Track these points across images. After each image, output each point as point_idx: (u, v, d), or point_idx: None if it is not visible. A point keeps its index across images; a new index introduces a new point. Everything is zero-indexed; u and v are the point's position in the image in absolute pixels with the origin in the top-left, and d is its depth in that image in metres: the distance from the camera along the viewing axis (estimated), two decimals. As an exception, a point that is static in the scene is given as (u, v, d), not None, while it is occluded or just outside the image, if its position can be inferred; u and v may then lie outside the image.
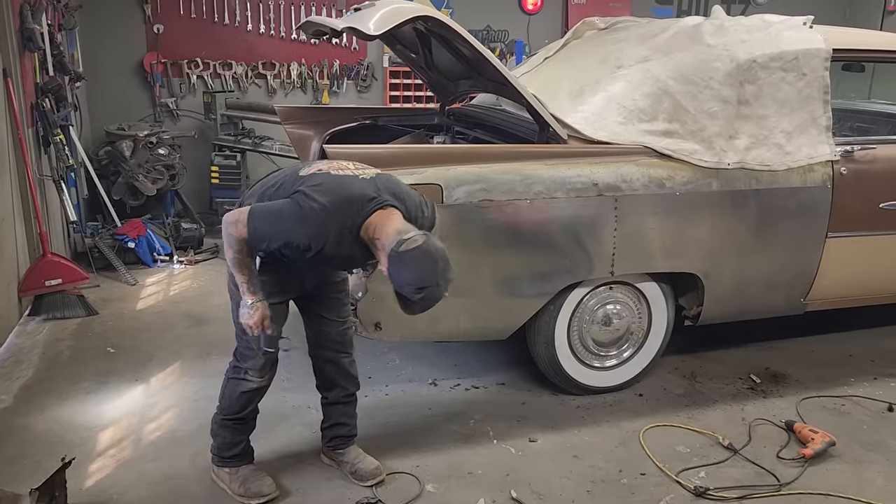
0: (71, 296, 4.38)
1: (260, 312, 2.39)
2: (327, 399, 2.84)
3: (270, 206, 2.30)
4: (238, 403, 2.63)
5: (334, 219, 2.22)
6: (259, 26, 6.68)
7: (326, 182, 2.29)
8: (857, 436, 3.20)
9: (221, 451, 2.72)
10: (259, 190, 2.50)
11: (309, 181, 2.30)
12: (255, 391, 2.63)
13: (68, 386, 3.49)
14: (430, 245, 2.16)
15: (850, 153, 3.52)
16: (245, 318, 2.40)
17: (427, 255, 2.15)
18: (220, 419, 2.70)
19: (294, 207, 2.24)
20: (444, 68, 3.93)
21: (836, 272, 3.63)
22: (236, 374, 2.63)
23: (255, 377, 2.59)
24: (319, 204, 2.22)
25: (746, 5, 8.09)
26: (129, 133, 5.71)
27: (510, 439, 3.12)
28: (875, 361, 3.95)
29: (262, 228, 2.26)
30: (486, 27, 7.38)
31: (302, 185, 2.29)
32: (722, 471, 2.93)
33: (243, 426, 2.71)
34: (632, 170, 3.19)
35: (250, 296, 2.39)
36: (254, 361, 2.58)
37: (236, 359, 2.64)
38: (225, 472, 2.72)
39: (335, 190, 2.26)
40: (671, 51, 3.42)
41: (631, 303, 3.44)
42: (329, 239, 2.24)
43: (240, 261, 2.34)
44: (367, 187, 2.29)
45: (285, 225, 2.23)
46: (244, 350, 2.59)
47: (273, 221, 2.25)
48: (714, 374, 3.75)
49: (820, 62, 3.44)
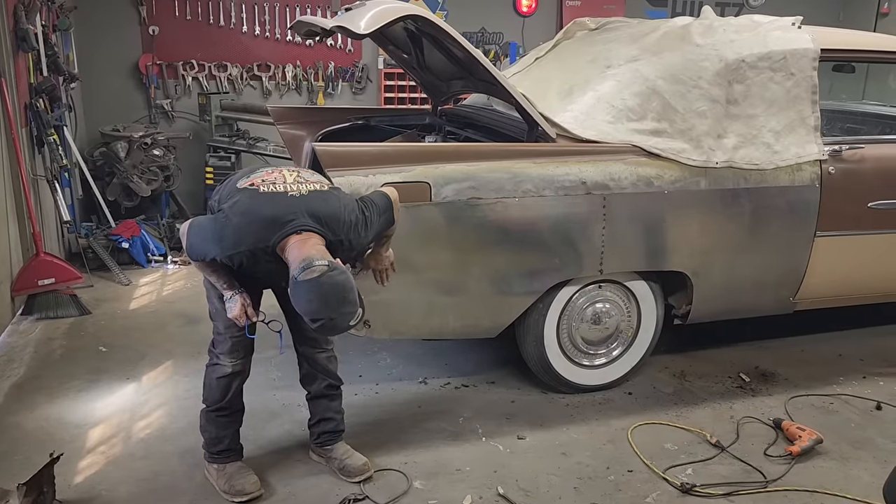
0: (64, 295, 4.40)
1: (238, 303, 2.46)
2: (310, 393, 2.86)
3: (201, 223, 2.39)
4: (217, 391, 2.67)
5: (246, 238, 2.26)
6: (254, 28, 6.70)
7: (248, 201, 2.31)
8: (844, 433, 3.22)
9: (209, 446, 2.74)
10: (222, 187, 2.54)
11: (235, 197, 2.33)
12: (230, 377, 2.65)
13: (59, 384, 3.50)
14: (327, 279, 2.12)
15: (839, 153, 3.54)
16: (229, 312, 2.48)
17: (321, 288, 2.11)
18: (205, 412, 2.73)
19: (214, 225, 2.33)
20: (436, 69, 3.95)
21: (825, 271, 3.65)
22: (211, 359, 2.70)
23: (226, 361, 2.64)
24: (232, 224, 2.28)
25: (740, 8, 8.12)
26: (123, 134, 5.72)
27: (499, 437, 3.13)
28: (864, 360, 3.97)
29: (192, 244, 2.37)
30: (481, 29, 7.41)
31: (228, 202, 2.34)
32: (709, 468, 2.94)
33: (227, 419, 2.72)
34: (620, 168, 3.21)
35: (227, 290, 2.48)
36: (222, 346, 2.64)
37: (212, 345, 2.70)
38: (213, 468, 2.74)
39: (252, 211, 2.28)
40: (660, 50, 3.43)
41: (620, 301, 3.46)
42: (244, 256, 2.28)
43: (202, 265, 2.44)
44: (287, 209, 2.27)
45: (206, 240, 2.33)
46: (215, 336, 2.67)
47: (201, 237, 2.35)
48: (703, 372, 3.77)
49: (808, 62, 3.46)
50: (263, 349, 3.80)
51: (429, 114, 4.42)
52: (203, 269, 2.46)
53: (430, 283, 3.08)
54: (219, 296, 2.54)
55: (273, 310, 2.70)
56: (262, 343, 2.66)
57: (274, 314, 2.66)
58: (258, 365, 3.64)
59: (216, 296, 2.57)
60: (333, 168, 2.88)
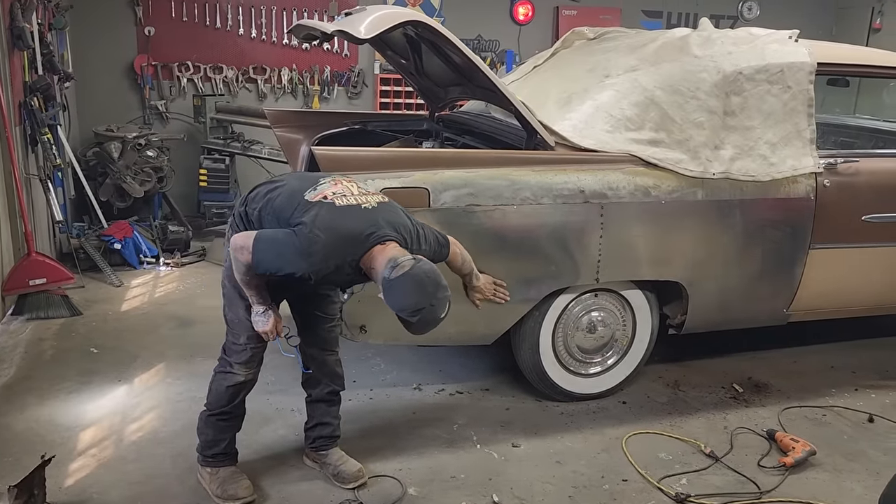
0: (55, 296, 4.36)
1: (273, 319, 2.48)
2: (311, 396, 2.84)
3: (275, 237, 2.32)
4: (225, 398, 2.65)
5: (335, 253, 2.27)
6: (251, 31, 6.70)
7: (329, 215, 2.30)
8: (837, 445, 3.23)
9: (205, 449, 2.72)
10: (263, 195, 2.50)
11: (313, 212, 2.31)
12: (241, 385, 2.64)
13: (50, 385, 3.46)
14: (419, 269, 2.19)
15: (834, 166, 3.56)
16: (259, 326, 2.49)
17: (415, 278, 2.18)
18: (206, 415, 2.71)
19: (297, 241, 2.27)
20: (434, 75, 3.95)
21: (819, 283, 3.67)
22: (223, 367, 2.66)
23: (240, 371, 2.62)
24: (321, 240, 2.25)
25: (735, 20, 8.19)
26: (117, 134, 5.70)
27: (493, 444, 3.12)
28: (856, 373, 3.99)
29: (266, 259, 2.30)
30: (478, 36, 7.44)
31: (305, 216, 2.30)
32: (703, 478, 2.94)
33: (227, 423, 2.70)
34: (618, 177, 3.22)
35: (260, 305, 2.47)
36: (239, 355, 2.61)
37: (224, 352, 2.67)
38: (207, 471, 2.72)
39: (337, 226, 2.28)
40: (659, 61, 3.45)
41: (616, 310, 3.46)
42: (330, 270, 2.29)
43: (248, 281, 2.41)
44: (367, 222, 2.31)
45: (288, 257, 2.27)
46: (232, 345, 2.63)
47: (278, 253, 2.29)
48: (697, 382, 3.77)
49: (805, 75, 3.48)
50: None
51: (426, 119, 4.42)
52: (248, 285, 2.41)
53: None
54: (246, 306, 2.52)
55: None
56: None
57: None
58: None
59: (242, 307, 2.54)
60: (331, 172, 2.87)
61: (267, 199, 2.47)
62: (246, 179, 6.73)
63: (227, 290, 2.60)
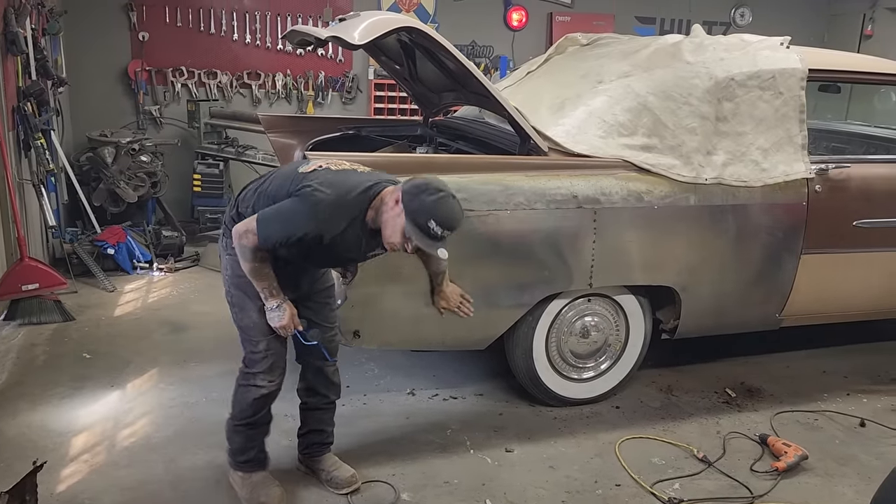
0: (48, 301, 4.34)
1: (288, 312, 2.45)
2: (307, 405, 2.83)
3: (279, 208, 2.32)
4: (250, 409, 2.61)
5: (342, 209, 2.28)
6: (245, 36, 6.70)
7: (329, 177, 2.35)
8: (829, 450, 3.24)
9: (235, 455, 2.69)
10: (252, 192, 2.51)
11: (312, 177, 2.34)
12: (266, 396, 2.60)
13: (42, 391, 3.45)
14: (421, 178, 2.30)
15: (825, 171, 3.58)
16: (276, 322, 2.45)
17: (422, 179, 2.27)
18: (232, 425, 2.67)
19: (303, 204, 2.28)
20: (428, 80, 3.96)
21: (811, 289, 3.68)
22: (246, 380, 2.61)
23: (264, 382, 2.57)
24: (327, 196, 2.27)
25: (728, 27, 8.23)
26: (111, 139, 5.69)
27: (487, 449, 3.12)
28: (848, 377, 4.00)
29: (274, 231, 2.29)
30: (472, 42, 7.45)
31: (305, 181, 2.33)
32: (696, 483, 2.95)
33: (256, 431, 2.67)
34: (611, 183, 3.23)
35: (274, 299, 2.43)
36: (260, 364, 2.56)
37: (245, 365, 2.61)
38: (238, 475, 2.70)
39: (339, 183, 2.32)
40: (651, 67, 3.47)
41: (609, 315, 3.47)
42: (339, 227, 2.29)
43: (258, 269, 2.38)
44: (367, 177, 2.38)
45: (297, 222, 2.27)
46: (251, 354, 2.58)
47: (285, 221, 2.28)
48: (690, 387, 3.78)
49: (796, 81, 3.50)
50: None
51: (420, 125, 4.43)
52: (258, 275, 2.37)
53: (420, 293, 3.07)
54: (259, 307, 2.47)
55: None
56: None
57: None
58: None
59: (255, 309, 2.49)
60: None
61: (258, 192, 2.48)
62: (240, 185, 6.70)
63: (235, 297, 2.55)
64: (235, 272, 2.49)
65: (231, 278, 2.54)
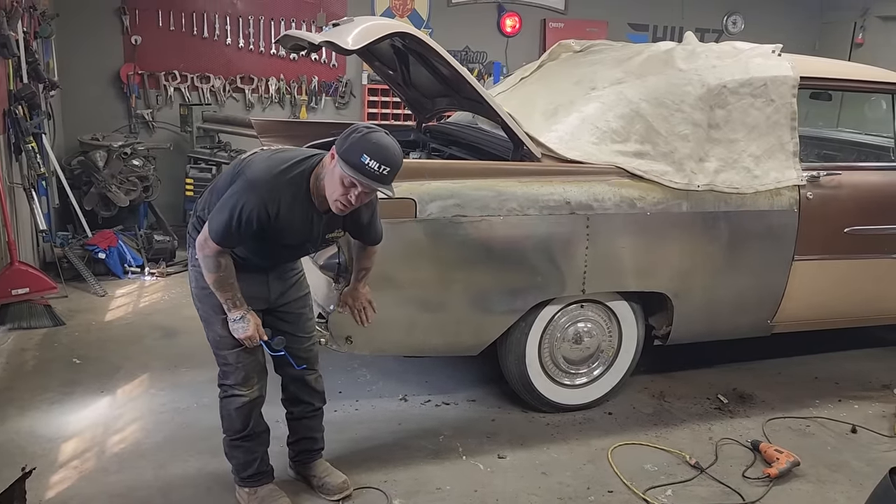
0: (38, 305, 4.32)
1: (252, 322, 2.41)
2: (293, 414, 2.81)
3: (222, 202, 2.31)
4: (238, 421, 2.57)
5: (280, 180, 2.28)
6: (238, 40, 6.69)
7: (264, 155, 2.39)
8: (821, 456, 3.25)
9: (239, 472, 2.66)
10: (206, 194, 2.51)
11: (248, 160, 2.39)
12: (250, 404, 2.57)
13: (31, 396, 3.43)
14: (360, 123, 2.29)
15: (817, 178, 3.60)
16: (240, 333, 2.41)
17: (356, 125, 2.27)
18: (228, 441, 2.64)
19: (240, 184, 2.29)
20: (422, 86, 3.97)
21: (802, 295, 3.70)
22: (224, 392, 2.58)
23: (242, 391, 2.54)
24: (262, 169, 2.30)
25: (720, 34, 8.28)
26: (103, 143, 5.67)
27: (479, 455, 3.11)
28: (839, 384, 4.01)
29: (222, 224, 2.26)
30: (465, 48, 7.47)
31: (241, 164, 2.38)
32: (688, 489, 2.95)
33: (253, 443, 2.63)
34: (604, 189, 3.23)
35: (237, 310, 2.39)
36: (235, 376, 2.54)
37: (220, 377, 2.58)
38: (245, 491, 2.66)
39: (274, 158, 2.35)
40: (644, 74, 3.48)
41: (602, 321, 3.47)
42: (282, 200, 2.27)
43: (222, 279, 2.35)
44: (303, 151, 2.40)
45: (239, 202, 2.24)
46: (223, 367, 2.55)
47: (229, 207, 2.26)
48: (682, 393, 3.79)
49: (788, 89, 3.52)
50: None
51: (413, 130, 4.43)
52: (222, 285, 2.34)
53: (412, 299, 3.08)
54: (222, 320, 2.44)
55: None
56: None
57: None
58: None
59: (219, 322, 2.46)
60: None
61: (210, 190, 2.49)
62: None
63: (202, 311, 2.52)
64: (199, 284, 2.46)
65: (196, 290, 2.52)
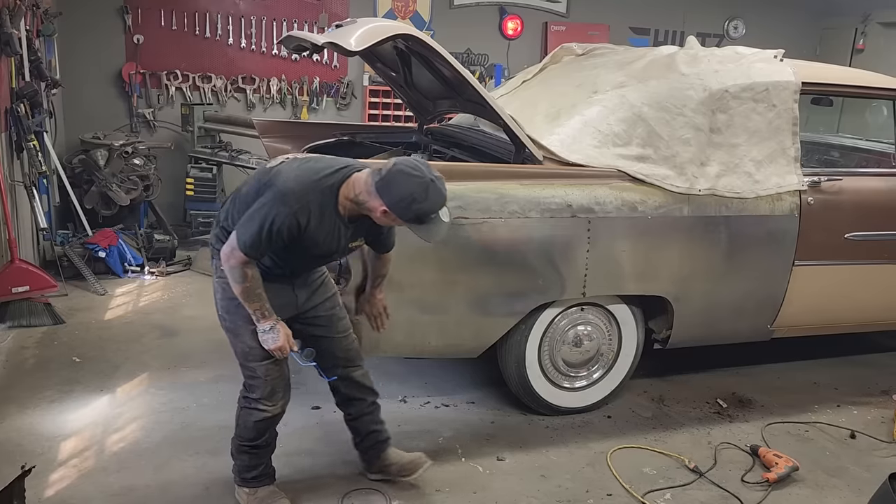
0: (38, 304, 4.32)
1: (283, 333, 2.41)
2: (351, 415, 2.81)
3: (250, 211, 2.31)
4: (253, 432, 2.58)
5: (311, 193, 2.27)
6: (240, 41, 6.70)
7: (294, 165, 2.37)
8: (820, 461, 3.25)
9: (241, 472, 2.66)
10: (230, 201, 2.50)
11: (277, 170, 2.36)
12: (270, 419, 2.57)
13: (31, 395, 3.42)
14: (403, 160, 2.26)
15: (818, 184, 3.60)
16: (270, 344, 2.41)
17: (406, 164, 2.24)
18: (237, 444, 2.64)
19: (271, 194, 2.27)
20: (424, 88, 3.97)
21: (802, 300, 3.70)
22: (248, 404, 2.57)
23: (267, 406, 2.54)
24: (293, 180, 2.28)
25: (721, 39, 8.29)
26: (104, 142, 5.67)
27: (478, 458, 3.11)
28: (839, 389, 4.01)
29: (252, 234, 2.26)
30: (467, 50, 7.47)
31: (271, 174, 2.34)
32: (687, 493, 2.95)
33: (261, 451, 2.64)
34: (605, 192, 3.24)
35: (266, 320, 2.39)
36: (261, 390, 2.52)
37: (245, 389, 2.57)
38: (244, 491, 2.66)
39: (305, 167, 2.34)
40: (646, 78, 3.49)
41: (602, 324, 3.47)
42: (313, 211, 2.27)
43: (249, 290, 2.34)
44: (335, 161, 2.40)
45: (270, 214, 2.24)
46: (250, 380, 2.54)
47: (259, 218, 2.26)
48: (682, 397, 3.79)
49: (789, 94, 3.52)
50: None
51: (415, 132, 4.43)
52: (250, 295, 2.33)
53: (413, 301, 3.08)
54: (252, 331, 2.43)
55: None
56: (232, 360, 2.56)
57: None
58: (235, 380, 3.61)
59: (249, 333, 2.45)
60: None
61: (233, 199, 2.48)
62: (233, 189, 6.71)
63: (229, 322, 2.50)
64: (226, 294, 2.46)
65: (222, 301, 2.50)
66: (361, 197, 2.29)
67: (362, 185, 2.29)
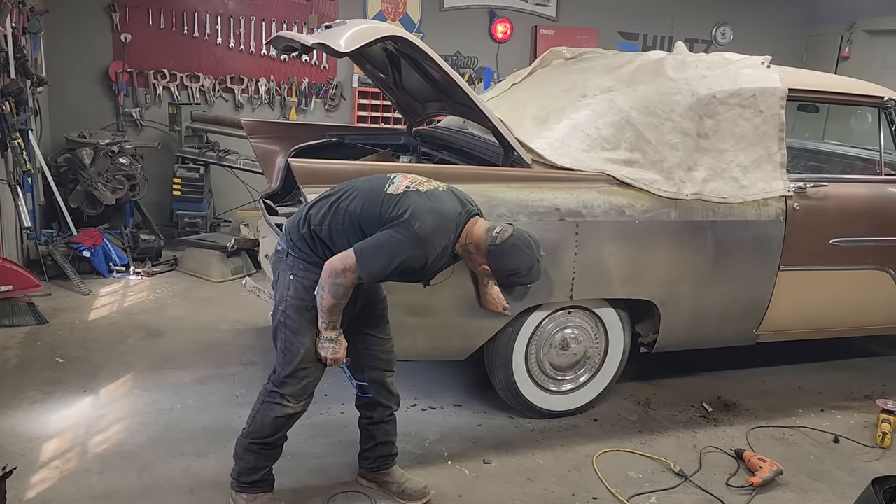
0: (21, 303, 4.27)
1: (343, 346, 2.50)
2: (371, 419, 2.80)
3: (379, 243, 2.34)
4: (270, 428, 2.56)
5: (442, 233, 2.39)
6: (229, 40, 6.67)
7: (423, 202, 2.39)
8: (803, 465, 3.27)
9: (242, 475, 2.63)
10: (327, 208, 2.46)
11: (406, 203, 2.37)
12: (290, 416, 2.57)
13: (13, 395, 3.39)
14: (518, 232, 2.45)
15: (803, 189, 3.63)
16: (329, 353, 2.48)
17: (521, 239, 2.43)
18: (246, 443, 2.61)
19: (405, 235, 2.33)
20: (413, 90, 3.96)
21: (787, 305, 3.72)
22: (272, 398, 2.56)
23: (292, 402, 2.55)
24: (429, 224, 2.35)
25: (709, 44, 8.34)
26: (90, 141, 5.62)
27: (465, 460, 3.11)
28: (822, 393, 4.04)
29: (379, 266, 2.34)
30: (456, 53, 7.48)
31: (400, 207, 2.36)
32: (672, 497, 2.96)
33: (269, 452, 2.62)
34: (593, 196, 3.25)
35: (334, 332, 2.46)
36: (293, 387, 2.54)
37: (273, 384, 2.57)
38: (242, 497, 2.63)
39: (436, 209, 2.40)
40: (635, 83, 3.50)
41: (589, 328, 3.48)
42: (439, 253, 2.40)
43: (340, 305, 2.41)
44: (453, 200, 2.48)
45: (404, 253, 2.33)
46: (287, 377, 2.53)
47: (390, 254, 2.33)
48: (667, 401, 3.80)
49: (776, 101, 3.55)
50: (226, 364, 3.75)
51: (404, 134, 4.42)
52: (335, 310, 2.41)
53: (400, 303, 3.06)
54: (313, 335, 2.49)
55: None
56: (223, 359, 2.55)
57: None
58: (220, 381, 3.60)
59: (310, 335, 2.49)
60: (308, 184, 2.86)
61: (334, 209, 2.45)
62: (220, 189, 6.69)
63: (291, 320, 2.49)
64: (299, 295, 2.47)
65: (292, 300, 2.49)
66: (471, 248, 2.46)
67: (475, 239, 2.45)
